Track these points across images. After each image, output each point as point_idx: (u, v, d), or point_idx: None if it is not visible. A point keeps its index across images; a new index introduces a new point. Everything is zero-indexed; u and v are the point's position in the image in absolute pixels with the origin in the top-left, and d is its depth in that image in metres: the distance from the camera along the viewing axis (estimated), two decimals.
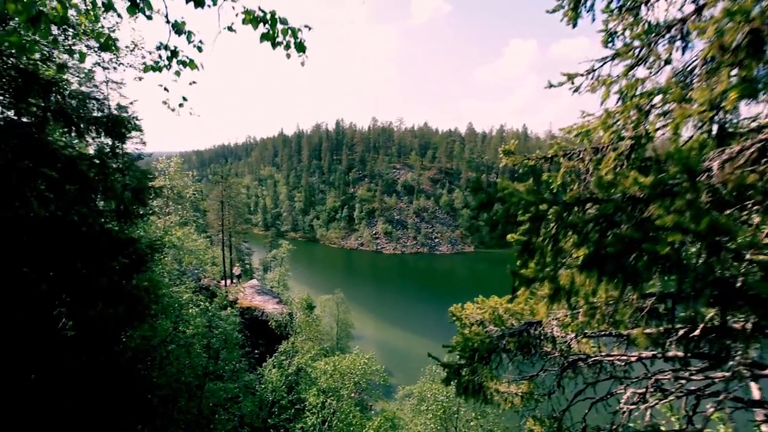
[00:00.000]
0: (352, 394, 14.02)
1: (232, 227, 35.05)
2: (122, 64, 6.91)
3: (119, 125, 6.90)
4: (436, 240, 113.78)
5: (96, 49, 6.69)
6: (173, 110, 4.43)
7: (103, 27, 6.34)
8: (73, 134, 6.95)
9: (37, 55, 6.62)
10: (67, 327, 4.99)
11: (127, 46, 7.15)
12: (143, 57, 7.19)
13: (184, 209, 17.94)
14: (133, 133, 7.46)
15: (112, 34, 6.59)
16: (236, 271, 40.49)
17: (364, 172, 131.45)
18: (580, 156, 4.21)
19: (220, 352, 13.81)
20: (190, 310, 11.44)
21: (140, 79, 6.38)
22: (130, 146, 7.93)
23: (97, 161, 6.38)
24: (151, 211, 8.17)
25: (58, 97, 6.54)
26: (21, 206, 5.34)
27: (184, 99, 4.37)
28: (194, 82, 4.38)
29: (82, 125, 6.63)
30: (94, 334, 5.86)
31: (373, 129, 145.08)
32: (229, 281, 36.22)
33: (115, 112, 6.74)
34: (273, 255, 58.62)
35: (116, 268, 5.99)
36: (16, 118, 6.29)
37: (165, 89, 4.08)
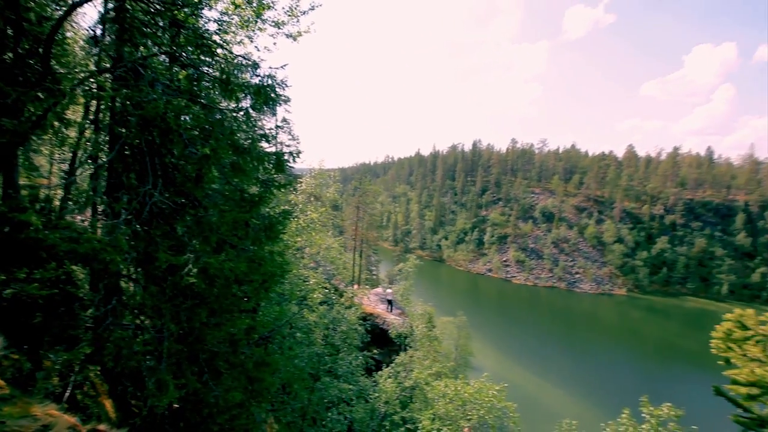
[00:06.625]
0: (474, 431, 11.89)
1: (364, 233, 36.50)
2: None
3: (268, 91, 6.84)
4: (577, 276, 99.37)
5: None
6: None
7: None
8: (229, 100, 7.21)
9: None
10: (191, 274, 4.76)
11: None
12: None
13: (323, 206, 18.87)
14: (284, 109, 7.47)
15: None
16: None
17: (498, 195, 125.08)
18: None
19: (339, 349, 13.52)
20: (315, 295, 11.37)
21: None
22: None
23: (245, 120, 6.38)
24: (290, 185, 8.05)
25: (223, 61, 6.82)
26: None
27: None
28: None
29: (237, 90, 6.75)
30: (218, 291, 5.65)
31: (512, 150, 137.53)
32: (356, 286, 37.65)
33: (267, 75, 6.73)
34: (399, 268, 59.58)
35: (245, 227, 5.78)
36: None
37: None
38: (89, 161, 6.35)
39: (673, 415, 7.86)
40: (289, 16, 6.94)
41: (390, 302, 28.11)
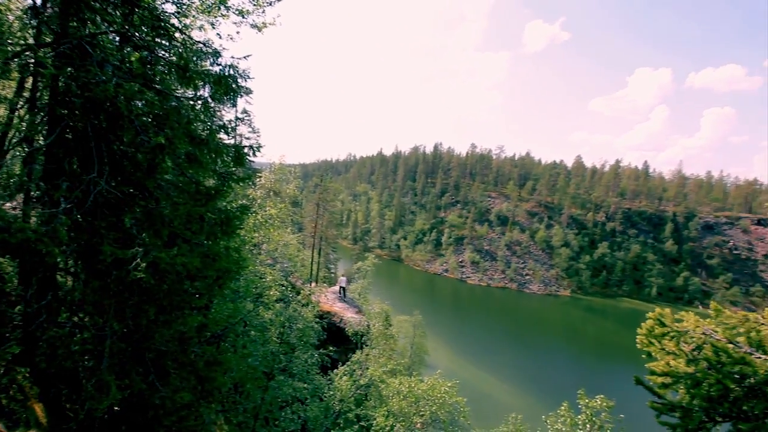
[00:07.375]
0: (426, 427, 12.19)
1: (324, 231, 36.10)
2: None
3: (229, 81, 6.61)
4: (527, 277, 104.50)
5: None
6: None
7: None
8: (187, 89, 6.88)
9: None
10: (139, 269, 4.50)
11: None
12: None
13: (283, 202, 18.46)
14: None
15: None
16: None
17: (457, 197, 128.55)
18: None
19: (295, 347, 13.30)
20: (271, 293, 11.11)
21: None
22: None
23: (203, 109, 6.12)
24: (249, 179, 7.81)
25: (181, 46, 6.50)
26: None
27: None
28: None
29: (195, 77, 6.45)
30: (171, 288, 5.38)
31: (471, 155, 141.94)
32: (314, 284, 37.13)
33: (229, 65, 6.48)
34: (358, 267, 59.51)
35: (200, 221, 5.53)
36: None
37: None
38: (23, 143, 5.80)
39: (606, 406, 8.70)
40: (255, 5, 6.73)
41: (343, 289, 28.67)
